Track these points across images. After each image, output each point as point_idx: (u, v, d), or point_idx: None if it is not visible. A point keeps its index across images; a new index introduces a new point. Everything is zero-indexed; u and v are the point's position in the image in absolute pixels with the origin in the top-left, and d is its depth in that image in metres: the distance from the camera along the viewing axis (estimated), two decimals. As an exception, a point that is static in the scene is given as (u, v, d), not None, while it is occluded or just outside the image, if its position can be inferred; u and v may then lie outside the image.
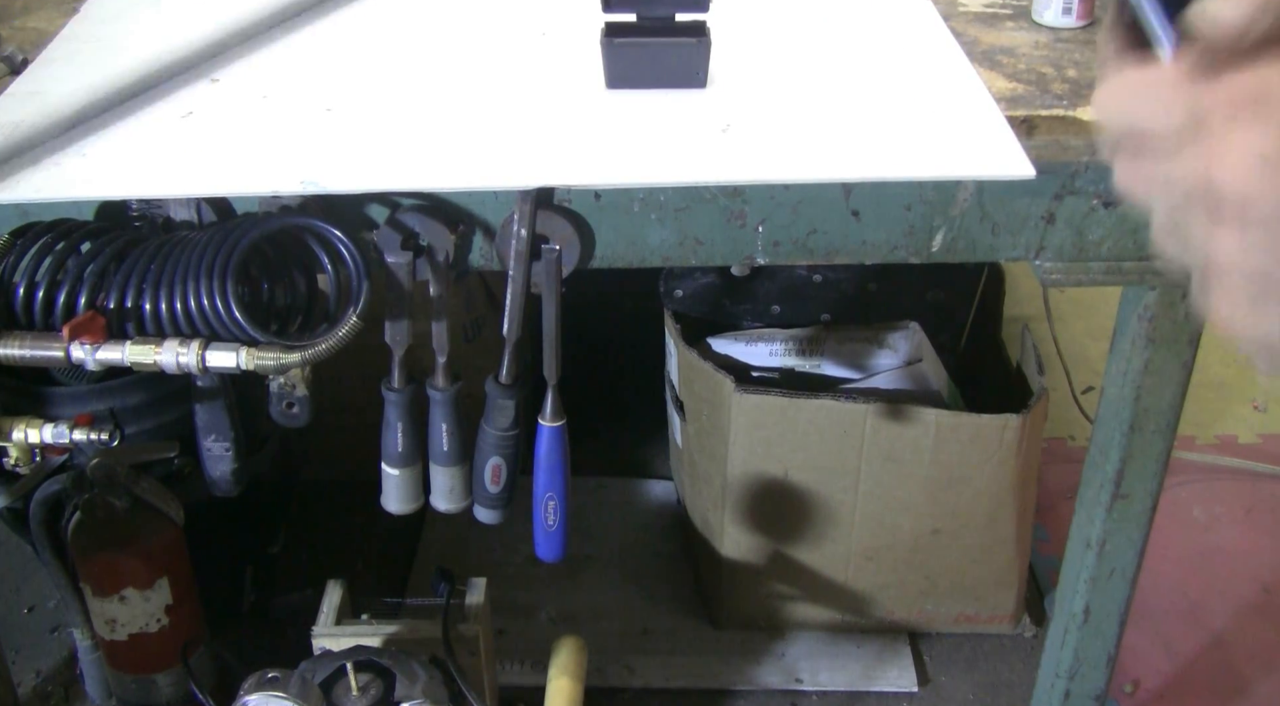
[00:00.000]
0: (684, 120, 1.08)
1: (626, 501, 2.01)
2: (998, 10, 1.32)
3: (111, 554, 1.42)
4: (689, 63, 1.12)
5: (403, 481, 1.22)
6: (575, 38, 1.22)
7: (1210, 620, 1.78)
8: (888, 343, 1.78)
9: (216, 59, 1.21)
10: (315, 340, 1.05)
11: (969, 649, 1.77)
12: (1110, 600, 1.37)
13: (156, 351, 1.05)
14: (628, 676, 1.71)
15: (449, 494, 1.22)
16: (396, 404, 1.18)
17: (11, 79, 1.18)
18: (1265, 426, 2.24)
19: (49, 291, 1.04)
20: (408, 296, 1.11)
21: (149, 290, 1.04)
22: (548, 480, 1.21)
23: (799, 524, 1.68)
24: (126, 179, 1.02)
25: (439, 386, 1.17)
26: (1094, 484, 1.32)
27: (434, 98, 1.13)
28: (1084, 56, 1.20)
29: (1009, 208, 1.10)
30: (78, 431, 1.20)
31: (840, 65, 1.19)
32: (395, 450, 1.20)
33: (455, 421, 1.19)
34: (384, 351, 1.16)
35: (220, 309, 1.03)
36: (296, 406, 1.14)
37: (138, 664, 1.50)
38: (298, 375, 1.12)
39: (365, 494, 1.30)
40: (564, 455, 1.20)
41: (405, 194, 1.05)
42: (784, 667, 1.73)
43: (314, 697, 1.20)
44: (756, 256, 1.11)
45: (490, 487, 1.21)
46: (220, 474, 1.22)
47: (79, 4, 1.35)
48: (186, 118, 1.11)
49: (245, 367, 1.06)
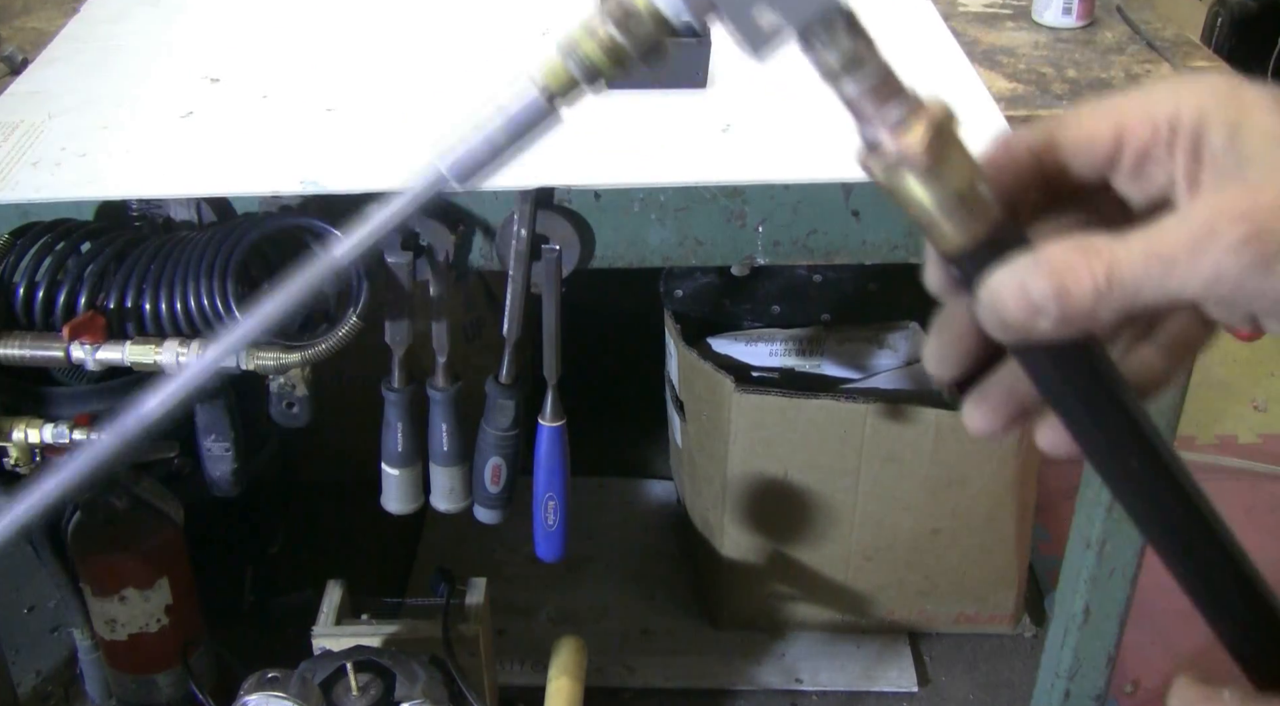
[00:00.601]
0: (684, 120, 1.08)
1: (626, 501, 2.01)
2: (998, 10, 1.32)
3: (111, 554, 1.42)
4: (689, 63, 1.12)
5: (403, 481, 1.22)
6: (575, 38, 1.22)
7: (1210, 620, 1.78)
8: (888, 343, 1.78)
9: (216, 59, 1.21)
10: (315, 340, 1.05)
11: (969, 649, 1.77)
12: (1110, 600, 1.37)
13: (156, 351, 1.05)
14: (628, 676, 1.71)
15: (449, 494, 1.22)
16: (396, 404, 1.18)
17: (11, 79, 1.18)
18: (1265, 426, 2.23)
19: (49, 291, 1.04)
20: (408, 296, 1.11)
21: (149, 290, 1.04)
22: (548, 480, 1.21)
23: (799, 524, 1.67)
24: (126, 179, 1.02)
25: (439, 386, 1.17)
26: (1094, 484, 1.32)
27: (434, 97, 1.13)
28: (1084, 56, 1.20)
29: (1009, 208, 1.10)
30: (78, 431, 1.20)
31: (840, 65, 1.19)
32: (395, 450, 1.20)
33: (455, 421, 1.19)
34: (384, 351, 1.16)
35: (220, 309, 1.03)
36: (296, 406, 1.14)
37: (138, 664, 1.50)
38: (298, 375, 1.12)
39: (365, 494, 1.30)
40: (564, 455, 1.20)
41: (405, 194, 1.05)
42: (784, 667, 1.73)
43: (314, 697, 1.20)
44: (756, 256, 1.11)
45: (490, 487, 1.21)
46: (220, 474, 1.22)
47: (79, 4, 1.35)
48: (186, 118, 1.11)
49: (245, 368, 1.06)
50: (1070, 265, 0.40)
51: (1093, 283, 0.40)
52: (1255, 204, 0.38)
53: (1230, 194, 0.40)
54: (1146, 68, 1.17)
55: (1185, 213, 0.40)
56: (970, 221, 0.42)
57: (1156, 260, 0.39)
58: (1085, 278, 0.40)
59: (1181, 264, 0.39)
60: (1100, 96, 0.44)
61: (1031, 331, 0.41)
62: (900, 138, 0.41)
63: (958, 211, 0.42)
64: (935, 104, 0.42)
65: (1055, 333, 0.41)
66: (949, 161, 0.42)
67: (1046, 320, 0.40)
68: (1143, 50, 1.22)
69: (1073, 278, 0.40)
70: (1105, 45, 1.23)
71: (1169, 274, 0.39)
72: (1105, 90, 1.12)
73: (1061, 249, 0.40)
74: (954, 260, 0.43)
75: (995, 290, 0.41)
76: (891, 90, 0.42)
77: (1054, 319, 0.40)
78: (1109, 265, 0.39)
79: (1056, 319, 0.40)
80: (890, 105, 0.42)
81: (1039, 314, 0.40)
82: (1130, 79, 1.15)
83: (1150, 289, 0.39)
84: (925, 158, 0.41)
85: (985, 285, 0.41)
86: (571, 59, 0.43)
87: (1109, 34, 1.26)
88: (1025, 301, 0.40)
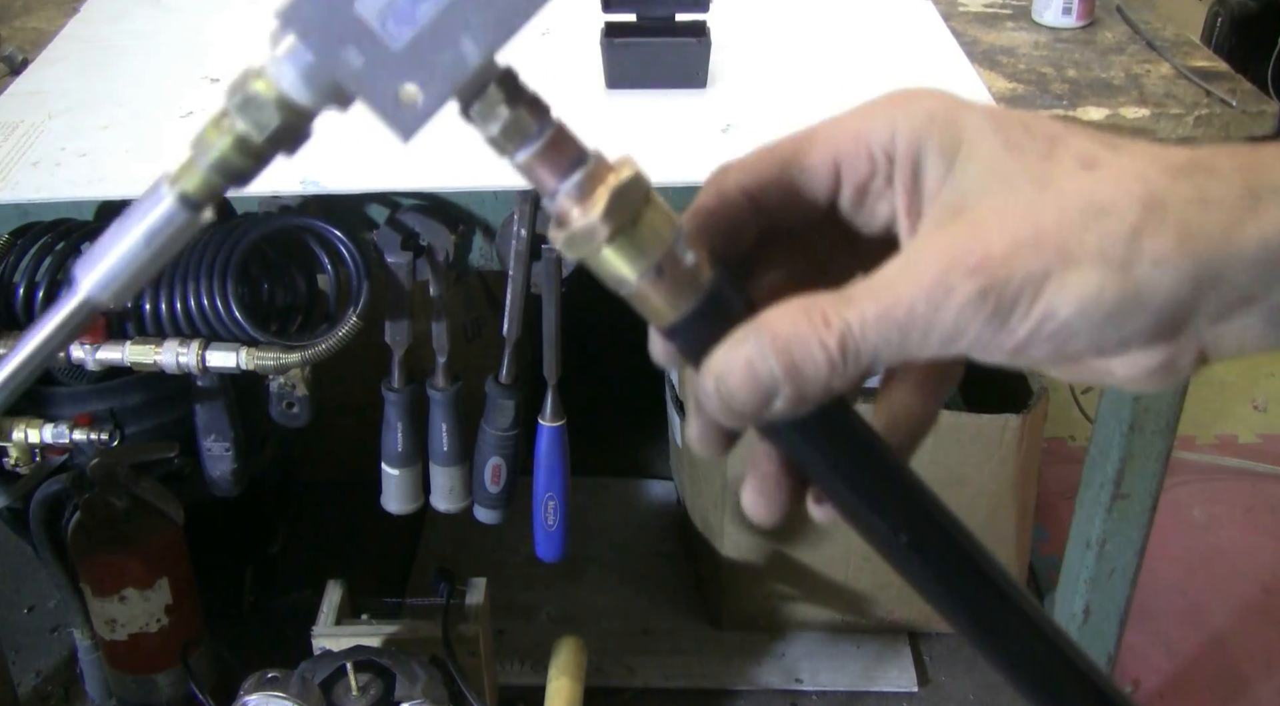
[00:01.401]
0: (684, 120, 1.08)
1: (626, 501, 2.01)
2: (998, 10, 1.32)
3: (111, 554, 1.42)
4: (689, 63, 1.12)
5: (403, 481, 1.22)
6: (576, 37, 1.22)
7: (1210, 620, 1.78)
8: (888, 343, 1.78)
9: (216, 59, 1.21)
10: (315, 340, 1.05)
11: (969, 649, 1.76)
12: (1110, 600, 1.37)
13: (156, 351, 1.05)
14: (628, 676, 1.71)
15: (449, 494, 1.22)
16: (396, 404, 1.18)
17: (11, 79, 1.18)
18: (1265, 426, 2.23)
19: (49, 291, 1.04)
20: (408, 296, 1.11)
21: (149, 290, 1.04)
22: (548, 480, 1.21)
23: (799, 524, 1.67)
24: (126, 179, 1.02)
25: (439, 386, 1.17)
26: (1094, 484, 1.32)
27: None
28: (1084, 56, 1.20)
29: (1009, 208, 1.10)
30: (78, 431, 1.20)
31: (840, 65, 1.19)
32: (395, 450, 1.20)
33: (455, 421, 1.19)
34: (384, 351, 1.16)
35: (220, 309, 1.03)
36: (296, 406, 1.14)
37: (138, 664, 1.50)
38: (298, 375, 1.12)
39: (365, 494, 1.30)
40: (564, 455, 1.20)
41: (405, 194, 1.05)
42: (784, 667, 1.73)
43: (314, 697, 1.20)
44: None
45: (490, 487, 1.21)
46: (220, 474, 1.22)
47: (79, 4, 1.35)
48: (186, 118, 1.11)
49: (245, 367, 1.06)
50: (799, 337, 0.36)
51: (826, 356, 0.36)
52: (987, 253, 0.35)
53: (958, 239, 0.36)
54: (1146, 67, 1.17)
55: (914, 261, 0.37)
56: (677, 292, 0.38)
57: (892, 324, 0.36)
58: (817, 351, 0.36)
59: (918, 325, 0.36)
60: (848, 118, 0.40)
61: (763, 414, 0.37)
62: (582, 207, 0.37)
63: (660, 282, 0.37)
64: (622, 165, 0.38)
65: (790, 413, 0.37)
66: (642, 227, 0.37)
67: (781, 401, 0.37)
68: (1143, 50, 1.22)
69: (803, 352, 0.36)
70: (1105, 45, 1.23)
71: (906, 337, 0.36)
72: (1105, 90, 1.12)
73: (788, 318, 0.37)
74: (668, 334, 0.39)
75: (719, 374, 0.37)
76: (568, 155, 0.37)
77: (788, 399, 0.37)
78: (841, 334, 0.36)
79: (790, 399, 0.37)
80: (569, 172, 0.37)
81: (771, 396, 0.37)
82: (1130, 79, 1.15)
83: (888, 353, 0.37)
84: (610, 227, 0.37)
85: (706, 368, 0.37)
86: (203, 157, 0.38)
87: (1109, 34, 1.26)
88: (754, 383, 0.37)
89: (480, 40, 0.35)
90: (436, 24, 0.35)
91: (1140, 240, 0.35)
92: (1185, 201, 0.35)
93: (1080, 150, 0.37)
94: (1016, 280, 0.35)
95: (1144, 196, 0.35)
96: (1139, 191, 0.35)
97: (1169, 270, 0.35)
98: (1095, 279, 0.35)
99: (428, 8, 0.35)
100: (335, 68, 0.36)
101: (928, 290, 0.36)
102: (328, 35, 0.35)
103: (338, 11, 0.35)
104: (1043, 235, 0.35)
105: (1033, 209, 0.36)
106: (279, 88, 0.37)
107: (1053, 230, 0.35)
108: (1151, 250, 0.35)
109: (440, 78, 0.36)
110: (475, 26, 0.35)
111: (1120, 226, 0.35)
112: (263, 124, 0.38)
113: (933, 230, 0.38)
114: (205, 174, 0.39)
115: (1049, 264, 0.35)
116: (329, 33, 0.35)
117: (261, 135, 0.38)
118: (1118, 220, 0.35)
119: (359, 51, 0.35)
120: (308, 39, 0.36)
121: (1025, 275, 0.35)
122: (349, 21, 0.35)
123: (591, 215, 0.37)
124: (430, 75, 0.36)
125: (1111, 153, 0.37)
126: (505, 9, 0.35)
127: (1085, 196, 0.36)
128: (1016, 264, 0.35)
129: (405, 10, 0.35)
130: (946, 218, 0.38)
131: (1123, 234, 0.35)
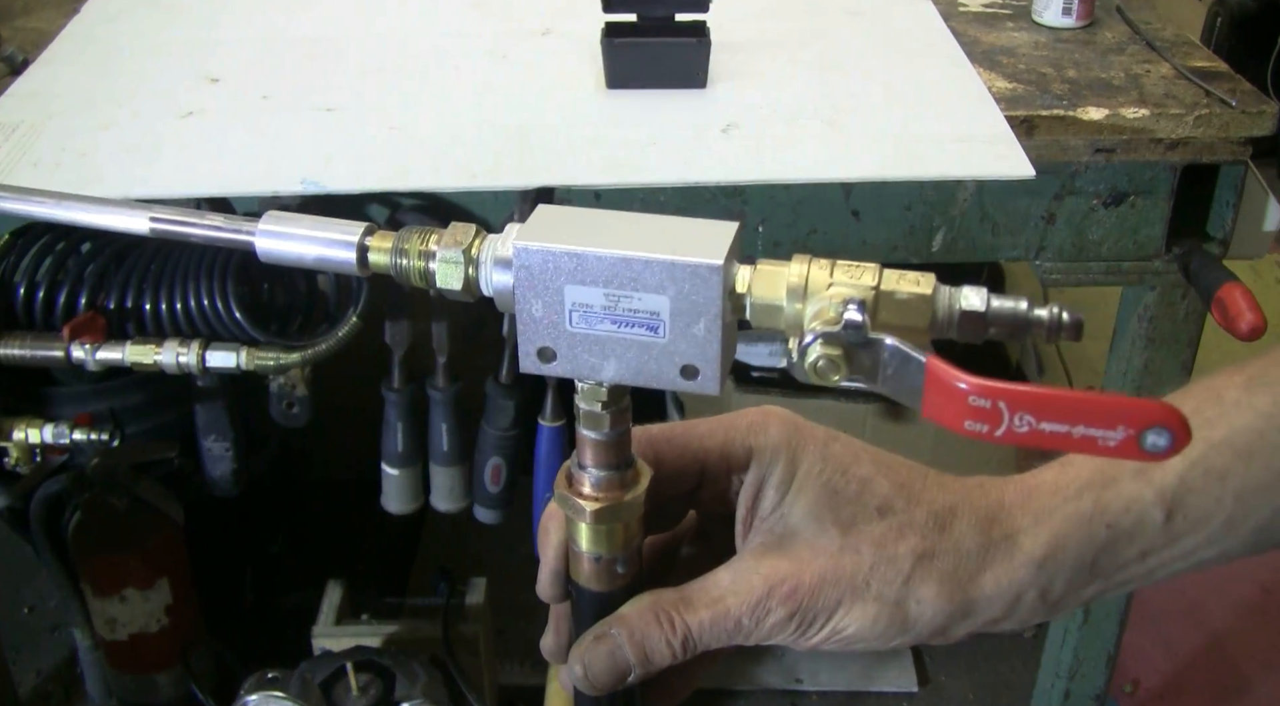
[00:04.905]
0: (684, 120, 1.08)
1: (626, 501, 2.01)
2: (998, 10, 1.32)
3: (111, 554, 1.42)
4: (689, 63, 1.12)
5: (403, 481, 1.22)
6: (576, 38, 1.22)
7: (1210, 620, 1.78)
8: (888, 343, 1.78)
9: (216, 59, 1.21)
10: (315, 340, 1.05)
11: (969, 649, 1.77)
12: (1110, 600, 1.37)
13: (156, 351, 1.05)
14: (628, 676, 1.71)
15: (449, 494, 1.22)
16: (396, 404, 1.18)
17: (11, 79, 1.18)
18: (1265, 426, 2.23)
19: (49, 291, 1.05)
20: (408, 296, 1.11)
21: (149, 290, 1.04)
22: (548, 480, 1.21)
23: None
24: (126, 179, 1.02)
25: (439, 386, 1.17)
26: (1094, 484, 1.32)
27: (434, 97, 1.13)
28: (1084, 56, 1.20)
29: (1009, 208, 1.10)
30: (78, 431, 1.20)
31: (840, 65, 1.19)
32: (395, 450, 1.20)
33: (455, 421, 1.19)
34: (384, 351, 1.16)
35: (220, 309, 1.03)
36: (296, 406, 1.14)
37: (138, 664, 1.50)
38: (298, 375, 1.12)
39: (365, 494, 1.30)
40: (564, 455, 1.20)
41: (405, 194, 1.05)
42: (784, 667, 1.73)
43: (314, 697, 1.20)
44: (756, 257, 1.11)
45: (490, 487, 1.21)
46: (220, 474, 1.22)
47: (79, 4, 1.35)
48: (186, 118, 1.11)
49: (245, 368, 1.06)
50: (650, 637, 0.50)
51: (671, 651, 0.50)
52: (800, 583, 0.49)
53: (778, 568, 0.49)
54: (1146, 68, 1.17)
55: (742, 579, 0.50)
56: (596, 579, 0.52)
57: (722, 629, 0.50)
58: (664, 648, 0.50)
59: (741, 631, 0.50)
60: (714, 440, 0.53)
61: (616, 686, 0.51)
62: (591, 492, 0.50)
63: (595, 567, 0.51)
64: (633, 495, 0.50)
65: (635, 682, 0.51)
66: (616, 527, 0.50)
67: (633, 678, 0.51)
68: (1142, 50, 1.21)
69: (653, 647, 0.50)
70: (1105, 45, 1.23)
71: (731, 637, 0.50)
72: (1105, 90, 1.12)
73: (644, 619, 0.50)
74: (575, 587, 0.53)
75: (589, 663, 0.51)
76: (617, 458, 0.51)
77: (638, 676, 0.51)
78: (684, 635, 0.50)
79: (640, 676, 0.51)
80: (603, 466, 0.51)
81: (625, 676, 0.51)
82: (1130, 79, 1.15)
83: (716, 645, 0.50)
84: (590, 518, 0.50)
85: (580, 658, 0.51)
86: (400, 258, 0.49)
87: (1109, 34, 1.26)
88: (614, 669, 0.51)
89: (619, 372, 0.47)
90: (602, 340, 0.46)
91: (910, 585, 0.49)
92: (945, 553, 0.49)
93: (881, 496, 0.50)
94: (817, 607, 0.49)
95: (918, 550, 0.49)
96: (915, 545, 0.49)
97: (930, 606, 0.49)
98: (873, 611, 0.49)
99: (604, 329, 0.46)
100: (521, 303, 0.46)
101: (751, 607, 0.49)
102: (534, 281, 0.45)
103: (551, 282, 0.45)
104: (840, 574, 0.49)
105: (836, 551, 0.49)
106: (477, 277, 0.47)
107: (848, 571, 0.49)
108: (918, 593, 0.49)
109: (573, 364, 0.48)
110: (623, 362, 0.47)
111: (897, 575, 0.49)
112: (441, 276, 0.48)
113: (760, 551, 0.51)
114: (388, 258, 0.49)
115: (842, 596, 0.49)
116: (535, 279, 0.45)
117: (427, 283, 0.49)
118: (895, 569, 0.49)
119: (544, 307, 0.46)
120: (520, 274, 0.45)
121: (823, 604, 0.49)
122: (555, 290, 0.45)
123: (588, 505, 0.50)
124: (570, 361, 0.47)
125: (904, 501, 0.50)
126: (649, 372, 0.47)
127: (875, 544, 0.49)
128: (819, 595, 0.49)
129: (591, 318, 0.46)
130: (772, 542, 0.50)
131: (898, 581, 0.49)
